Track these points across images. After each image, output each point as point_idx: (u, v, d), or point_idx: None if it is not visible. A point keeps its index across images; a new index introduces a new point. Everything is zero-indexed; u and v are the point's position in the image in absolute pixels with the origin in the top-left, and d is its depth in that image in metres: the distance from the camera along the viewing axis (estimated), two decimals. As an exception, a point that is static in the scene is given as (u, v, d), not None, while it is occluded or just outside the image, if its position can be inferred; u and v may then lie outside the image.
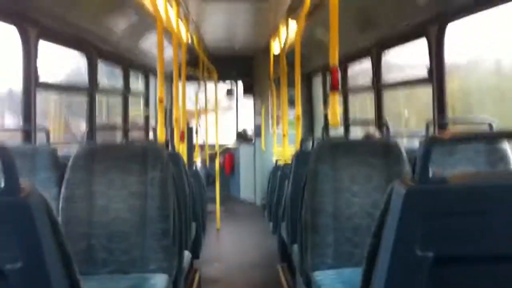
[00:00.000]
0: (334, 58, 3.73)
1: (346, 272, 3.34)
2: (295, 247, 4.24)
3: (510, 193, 1.48)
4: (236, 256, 7.51)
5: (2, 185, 1.52)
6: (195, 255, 5.64)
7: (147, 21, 6.32)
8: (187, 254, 4.26)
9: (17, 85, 4.52)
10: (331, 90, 3.82)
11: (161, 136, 4.93)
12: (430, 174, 1.50)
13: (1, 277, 1.52)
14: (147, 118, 9.14)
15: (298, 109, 6.45)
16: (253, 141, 11.78)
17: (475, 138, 1.68)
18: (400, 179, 1.55)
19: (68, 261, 1.72)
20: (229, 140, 12.86)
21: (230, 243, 8.48)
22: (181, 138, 6.25)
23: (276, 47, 9.40)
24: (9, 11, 4.02)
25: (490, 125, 3.84)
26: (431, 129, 4.27)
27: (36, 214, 1.53)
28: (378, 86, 6.02)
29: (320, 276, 3.33)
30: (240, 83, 12.55)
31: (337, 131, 7.01)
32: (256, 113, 11.62)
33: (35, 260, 1.53)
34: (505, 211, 1.48)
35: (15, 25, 4.25)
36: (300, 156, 4.91)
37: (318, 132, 10.55)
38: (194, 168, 7.31)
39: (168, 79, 10.03)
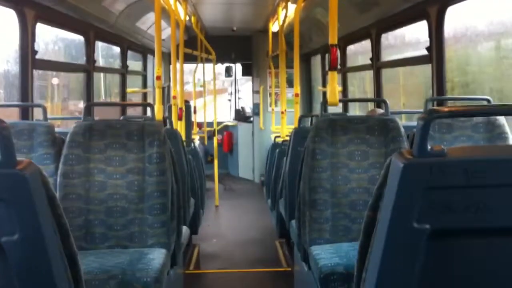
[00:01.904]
0: (333, 38, 3.72)
1: (344, 246, 3.37)
2: (293, 222, 4.27)
3: (508, 166, 1.48)
4: (234, 232, 7.56)
5: None
6: (194, 231, 5.68)
7: (145, 1, 6.27)
8: (185, 230, 4.29)
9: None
10: (329, 69, 3.81)
11: (159, 113, 4.93)
12: (429, 148, 1.49)
13: None
14: (145, 96, 9.12)
15: (297, 87, 6.43)
16: (251, 119, 11.77)
17: (473, 112, 1.67)
18: (399, 152, 1.54)
19: (66, 234, 1.72)
20: (228, 118, 12.86)
21: (229, 220, 8.54)
22: (179, 116, 6.24)
23: (274, 27, 9.34)
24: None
25: (488, 101, 3.84)
26: (430, 106, 4.27)
27: (33, 186, 1.53)
28: (377, 64, 6.01)
29: (318, 250, 3.36)
30: (238, 62, 12.49)
31: (335, 109, 7.01)
32: (255, 92, 11.60)
33: (32, 232, 1.53)
34: (503, 185, 1.48)
35: (12, 7, 4.21)
36: (298, 132, 4.91)
37: (316, 111, 10.55)
38: (192, 145, 7.30)
39: (167, 59, 9.99)
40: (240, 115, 12.36)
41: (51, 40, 6.20)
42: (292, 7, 7.20)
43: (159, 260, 3.25)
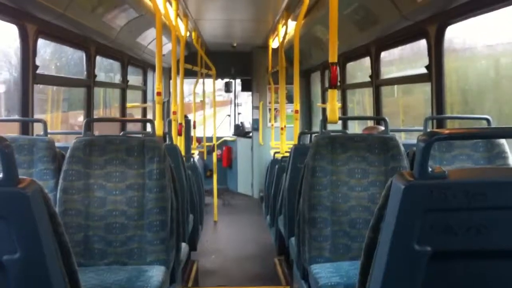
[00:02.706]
0: (333, 56, 3.73)
1: (343, 265, 3.36)
2: (292, 240, 4.26)
3: (509, 189, 1.49)
4: (233, 248, 7.54)
5: (0, 176, 1.52)
6: (193, 247, 5.66)
7: (146, 17, 6.32)
8: (184, 246, 4.27)
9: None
10: (329, 87, 3.83)
11: (159, 129, 4.94)
12: (429, 170, 1.50)
13: None
14: (144, 111, 9.14)
15: (297, 104, 6.45)
16: (250, 135, 11.79)
17: (474, 135, 1.68)
18: (399, 174, 1.55)
19: (66, 252, 1.72)
20: (227, 133, 12.88)
21: (227, 236, 8.51)
22: (179, 132, 6.25)
23: (274, 43, 9.39)
24: (8, 8, 4.00)
25: (488, 121, 3.85)
26: (429, 126, 4.28)
27: (34, 205, 1.53)
28: (376, 82, 6.04)
29: (317, 269, 3.35)
30: (238, 78, 12.54)
31: (335, 126, 7.02)
32: (254, 107, 11.63)
33: (33, 250, 1.53)
34: (504, 207, 1.49)
35: (13, 22, 4.24)
36: (298, 149, 4.92)
37: (316, 127, 10.56)
38: (191, 160, 7.30)
39: (167, 74, 10.02)
40: (240, 130, 12.39)
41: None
42: (292, 24, 7.25)
43: (158, 278, 3.23)
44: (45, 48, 5.75)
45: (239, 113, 13.39)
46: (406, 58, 5.95)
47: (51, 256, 1.60)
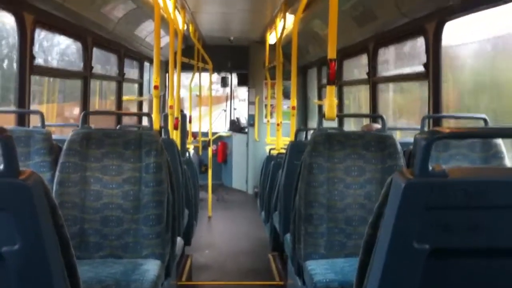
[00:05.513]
0: (332, 52, 3.72)
1: (339, 262, 3.37)
2: (288, 236, 4.27)
3: (509, 188, 1.50)
4: (227, 243, 7.54)
5: (1, 167, 1.51)
6: (187, 242, 5.67)
7: (144, 9, 6.29)
8: (179, 241, 4.27)
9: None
10: (328, 84, 3.83)
11: (156, 122, 4.92)
12: (430, 168, 1.50)
13: None
14: (140, 104, 9.12)
15: (294, 100, 6.45)
16: (246, 130, 11.78)
17: (476, 134, 1.68)
18: (400, 171, 1.55)
19: (66, 245, 1.71)
20: (222, 129, 12.87)
21: (222, 231, 8.51)
22: (176, 126, 6.24)
23: (272, 38, 9.37)
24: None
25: (485, 121, 3.86)
26: (426, 124, 4.29)
27: (35, 196, 1.53)
28: (373, 79, 6.04)
29: (312, 265, 3.36)
30: (234, 73, 12.53)
31: (331, 123, 7.02)
32: (250, 103, 11.62)
33: (33, 242, 1.53)
34: (503, 207, 1.49)
35: (11, 11, 4.22)
36: (295, 146, 4.92)
37: (312, 124, 10.58)
38: (187, 155, 7.29)
39: (163, 67, 9.99)
40: (235, 126, 12.38)
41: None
42: (290, 18, 7.24)
43: (154, 272, 3.23)
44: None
45: (234, 109, 13.37)
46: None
47: (51, 248, 1.59)
